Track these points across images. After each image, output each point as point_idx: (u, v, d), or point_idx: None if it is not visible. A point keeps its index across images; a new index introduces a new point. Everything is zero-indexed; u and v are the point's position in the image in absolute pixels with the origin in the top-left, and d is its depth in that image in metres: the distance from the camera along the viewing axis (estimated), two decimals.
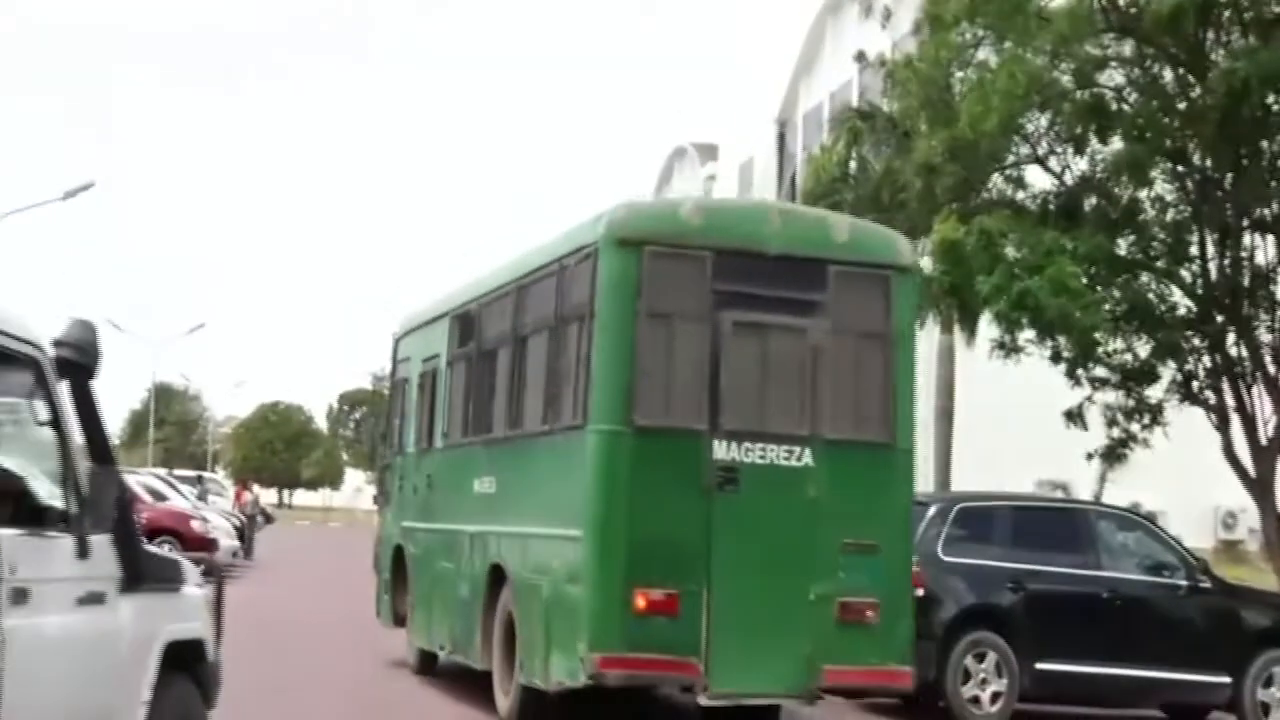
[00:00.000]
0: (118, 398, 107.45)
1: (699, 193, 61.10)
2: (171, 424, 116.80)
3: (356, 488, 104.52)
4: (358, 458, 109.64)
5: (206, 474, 58.77)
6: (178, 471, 46.42)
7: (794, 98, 48.44)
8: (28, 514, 5.64)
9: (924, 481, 29.44)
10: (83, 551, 5.85)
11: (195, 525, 27.58)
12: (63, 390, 5.92)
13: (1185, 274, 19.26)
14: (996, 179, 19.73)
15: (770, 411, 10.93)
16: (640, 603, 10.43)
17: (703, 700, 10.69)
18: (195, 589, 6.95)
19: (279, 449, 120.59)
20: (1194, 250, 19.15)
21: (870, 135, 20.83)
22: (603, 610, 10.53)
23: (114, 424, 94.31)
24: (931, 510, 14.63)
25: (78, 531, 5.85)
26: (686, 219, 11.10)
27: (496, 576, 12.36)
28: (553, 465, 11.62)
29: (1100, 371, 19.63)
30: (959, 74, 19.33)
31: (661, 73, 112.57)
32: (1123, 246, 19.18)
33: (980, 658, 13.78)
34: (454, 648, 13.81)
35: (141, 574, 6.26)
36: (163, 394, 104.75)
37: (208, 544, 26.78)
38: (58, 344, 5.90)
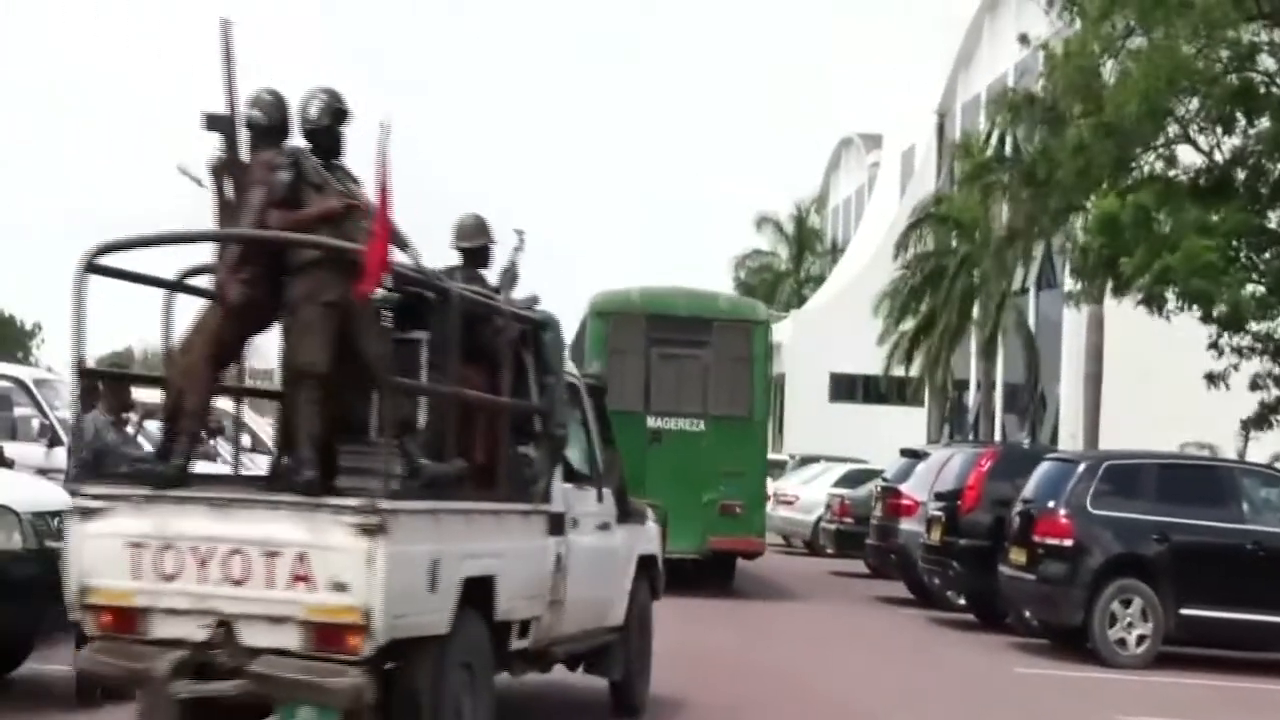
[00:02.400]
0: None
1: (865, 179, 60.68)
2: None
3: None
4: None
5: None
6: None
7: (953, 89, 47.50)
8: (573, 475, 8.40)
9: (1073, 441, 28.70)
10: (600, 498, 8.74)
11: None
12: (588, 403, 8.88)
13: None
14: (1149, 157, 19.00)
15: (680, 400, 17.08)
16: None
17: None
18: (653, 523, 9.82)
19: None
20: None
21: (1027, 115, 20.26)
22: None
23: None
24: (1080, 467, 14.21)
25: (597, 486, 8.73)
26: (633, 299, 17.64)
27: None
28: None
29: (1246, 341, 18.85)
30: (1109, 62, 18.67)
31: (832, 67, 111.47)
32: (1273, 220, 18.34)
33: (1126, 603, 13.38)
34: None
35: (628, 513, 9.19)
36: None
37: None
38: (585, 376, 9.18)
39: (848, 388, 48.77)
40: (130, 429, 9.38)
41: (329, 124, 6.79)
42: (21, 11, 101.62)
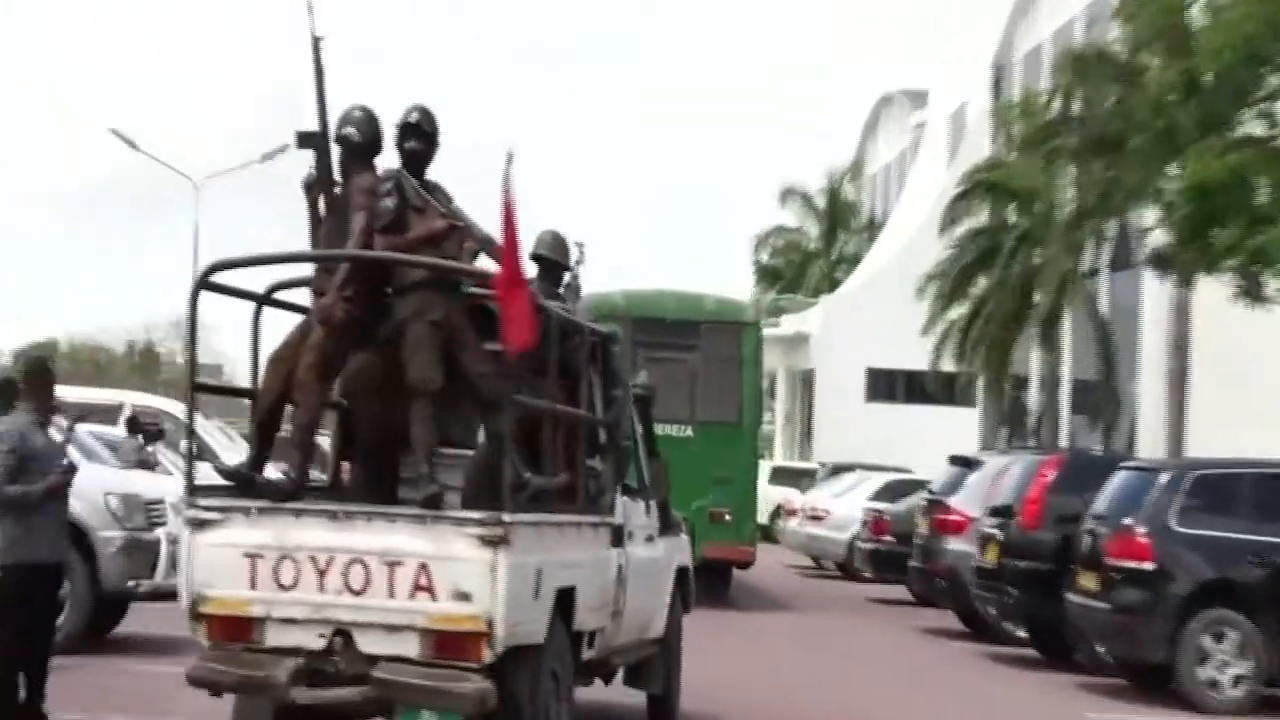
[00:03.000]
0: None
1: (908, 142, 60.58)
2: None
3: None
4: None
5: None
6: None
7: (1010, 39, 47.38)
8: (626, 490, 9.43)
9: (1154, 447, 28.58)
10: (648, 510, 9.89)
11: None
12: (638, 415, 9.93)
13: None
14: (1245, 114, 18.78)
15: (668, 405, 17.46)
16: None
17: None
18: (685, 535, 11.05)
19: None
20: None
21: (1097, 72, 20.07)
22: None
23: None
24: (1162, 478, 14.09)
25: (645, 499, 9.88)
26: (617, 303, 18.81)
27: None
28: None
29: None
30: (1198, 1, 18.50)
31: (868, 20, 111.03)
32: None
33: (1219, 637, 13.24)
34: None
35: (669, 525, 10.39)
36: None
37: None
38: (637, 386, 10.11)
39: (887, 385, 48.75)
40: (57, 433, 9.29)
41: (421, 143, 7.87)
42: (22, 11, 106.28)
